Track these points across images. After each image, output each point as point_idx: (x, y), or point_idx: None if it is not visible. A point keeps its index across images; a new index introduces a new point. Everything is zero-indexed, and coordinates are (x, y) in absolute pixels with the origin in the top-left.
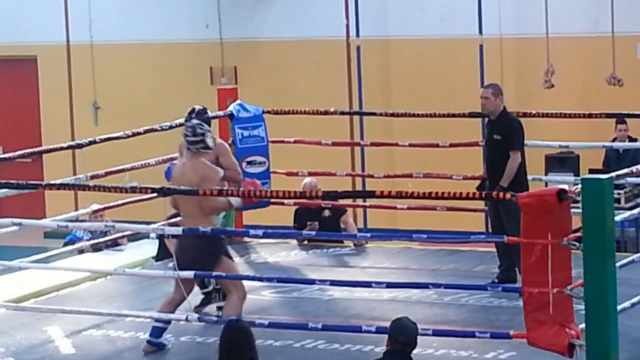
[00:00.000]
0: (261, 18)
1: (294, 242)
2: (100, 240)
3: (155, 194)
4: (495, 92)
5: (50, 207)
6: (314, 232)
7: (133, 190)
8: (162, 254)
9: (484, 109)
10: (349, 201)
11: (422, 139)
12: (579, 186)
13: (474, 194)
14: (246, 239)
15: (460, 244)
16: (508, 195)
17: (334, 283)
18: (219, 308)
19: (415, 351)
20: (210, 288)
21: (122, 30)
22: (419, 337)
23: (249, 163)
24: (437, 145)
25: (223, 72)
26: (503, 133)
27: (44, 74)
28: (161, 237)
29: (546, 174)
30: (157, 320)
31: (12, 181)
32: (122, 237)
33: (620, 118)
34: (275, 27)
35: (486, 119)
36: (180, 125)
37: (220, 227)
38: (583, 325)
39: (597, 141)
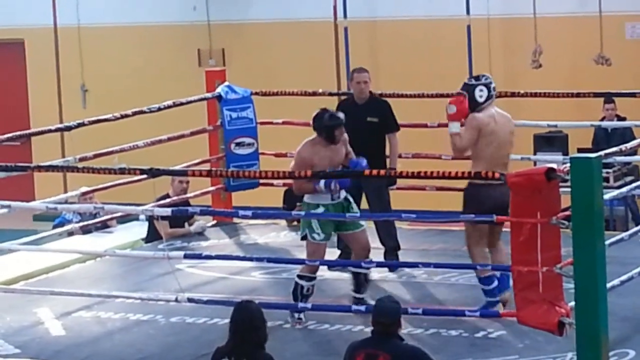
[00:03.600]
0: (248, 0)
1: (284, 222)
2: (90, 222)
3: (144, 176)
4: (369, 75)
5: (40, 190)
6: (303, 213)
7: (122, 171)
8: (152, 235)
9: (363, 94)
10: None
11: (411, 119)
12: (568, 165)
13: (463, 173)
14: (235, 219)
15: (450, 224)
16: (497, 175)
17: (323, 263)
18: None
19: (405, 331)
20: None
21: (110, 13)
22: (409, 317)
23: (238, 144)
24: (425, 126)
25: (211, 54)
26: (380, 115)
27: (31, 57)
28: (150, 219)
29: (535, 154)
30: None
31: (1, 164)
32: (112, 219)
33: (608, 97)
34: (263, 9)
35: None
36: (169, 107)
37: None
38: (573, 304)
39: (585, 120)
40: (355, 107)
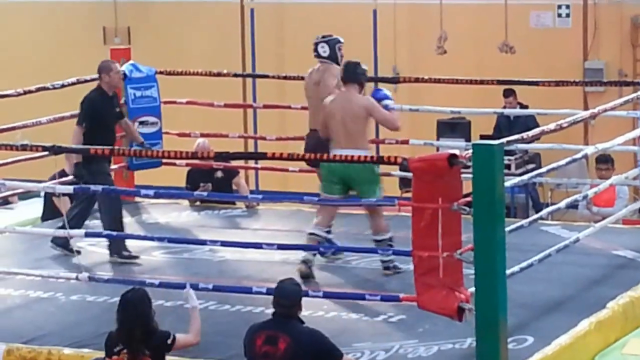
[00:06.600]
0: None
1: (186, 202)
2: None
3: (46, 152)
4: None
5: None
6: (205, 193)
7: (24, 148)
8: (48, 213)
9: (120, 84)
10: (241, 163)
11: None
12: (470, 151)
13: (359, 157)
14: (137, 199)
15: (351, 207)
16: (399, 160)
17: (225, 244)
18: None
19: (305, 313)
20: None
21: None
22: (309, 299)
23: (142, 123)
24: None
25: (116, 32)
26: (119, 105)
27: None
28: (47, 196)
29: (438, 139)
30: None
31: None
32: (13, 195)
33: (508, 91)
34: None
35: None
36: (72, 84)
37: None
38: (472, 290)
39: (488, 108)
40: (109, 98)
